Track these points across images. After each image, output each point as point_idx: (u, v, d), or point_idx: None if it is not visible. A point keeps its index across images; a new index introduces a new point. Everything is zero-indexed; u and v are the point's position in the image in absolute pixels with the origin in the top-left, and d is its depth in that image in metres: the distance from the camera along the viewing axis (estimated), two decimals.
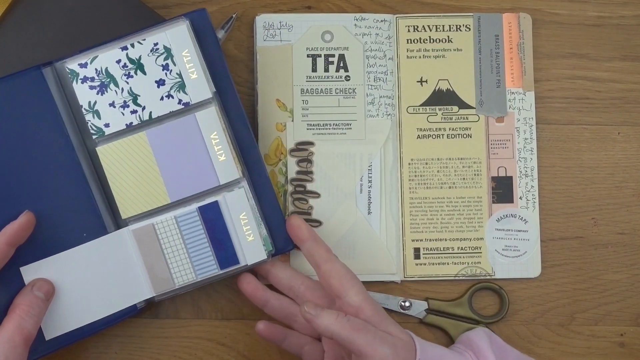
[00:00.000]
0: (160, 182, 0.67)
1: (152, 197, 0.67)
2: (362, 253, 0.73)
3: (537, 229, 0.74)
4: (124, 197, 0.67)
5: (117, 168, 0.66)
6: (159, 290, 0.67)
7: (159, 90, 0.67)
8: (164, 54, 0.66)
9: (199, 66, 0.66)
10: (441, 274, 0.73)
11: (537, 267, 0.73)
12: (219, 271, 0.67)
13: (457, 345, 0.67)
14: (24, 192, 0.66)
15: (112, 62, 0.66)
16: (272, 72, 0.73)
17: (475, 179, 0.74)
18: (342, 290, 0.64)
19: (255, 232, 0.67)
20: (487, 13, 0.75)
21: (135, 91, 0.67)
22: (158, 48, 0.66)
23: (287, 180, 0.73)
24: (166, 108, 0.67)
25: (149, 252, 0.67)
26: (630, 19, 0.76)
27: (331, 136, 0.74)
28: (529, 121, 0.74)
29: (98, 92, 0.66)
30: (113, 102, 0.66)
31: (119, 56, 0.66)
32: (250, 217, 0.67)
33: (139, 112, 0.67)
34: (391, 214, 0.73)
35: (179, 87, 0.67)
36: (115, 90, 0.66)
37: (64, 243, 0.66)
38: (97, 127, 0.66)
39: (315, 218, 0.73)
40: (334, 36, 0.74)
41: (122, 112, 0.67)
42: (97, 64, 0.66)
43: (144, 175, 0.67)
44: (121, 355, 0.72)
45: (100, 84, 0.66)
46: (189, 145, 0.67)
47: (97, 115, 0.66)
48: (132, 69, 0.66)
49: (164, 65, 0.66)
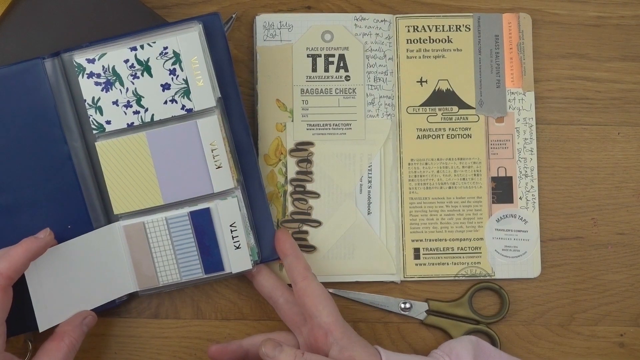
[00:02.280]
0: (155, 184, 0.67)
1: (145, 196, 0.67)
2: (361, 253, 0.73)
3: (537, 229, 0.74)
4: (118, 194, 0.67)
5: (114, 165, 0.67)
6: (144, 286, 0.68)
7: (164, 94, 0.67)
8: (172, 59, 0.66)
9: (206, 74, 0.67)
10: (441, 274, 0.73)
11: (537, 267, 0.73)
12: (204, 275, 0.68)
13: (435, 352, 0.68)
14: (11, 179, 0.67)
15: (120, 61, 0.66)
16: (272, 72, 0.73)
17: (475, 179, 0.74)
18: (315, 311, 0.65)
19: (243, 241, 0.68)
20: (487, 13, 0.75)
21: (140, 92, 0.67)
22: (167, 52, 0.66)
23: (287, 181, 0.73)
24: (169, 112, 0.67)
25: (137, 249, 0.68)
26: (630, 19, 0.76)
27: (331, 136, 0.73)
28: (529, 121, 0.74)
29: (103, 89, 0.67)
30: (117, 101, 0.67)
31: (127, 56, 0.66)
32: (239, 227, 0.68)
33: (141, 113, 0.67)
34: (391, 214, 0.73)
35: (183, 93, 0.67)
36: (120, 89, 0.67)
37: None
38: (99, 122, 0.67)
39: (315, 218, 0.73)
40: (334, 36, 0.74)
41: (125, 112, 0.67)
42: (105, 61, 0.66)
43: (140, 174, 0.67)
44: (121, 355, 0.72)
45: (106, 81, 0.67)
46: (187, 150, 0.67)
47: (100, 112, 0.67)
48: (139, 70, 0.67)
49: (171, 70, 0.67)
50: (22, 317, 0.66)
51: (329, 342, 0.64)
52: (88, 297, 0.68)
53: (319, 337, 0.65)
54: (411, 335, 0.73)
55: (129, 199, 0.67)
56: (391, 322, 0.73)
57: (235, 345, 0.68)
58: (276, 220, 0.73)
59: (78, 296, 0.67)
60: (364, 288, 0.73)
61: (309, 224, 0.73)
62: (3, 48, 0.70)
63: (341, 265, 0.73)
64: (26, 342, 0.70)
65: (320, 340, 0.65)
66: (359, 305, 0.73)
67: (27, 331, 0.68)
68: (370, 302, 0.73)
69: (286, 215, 0.73)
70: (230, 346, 0.68)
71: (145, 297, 0.72)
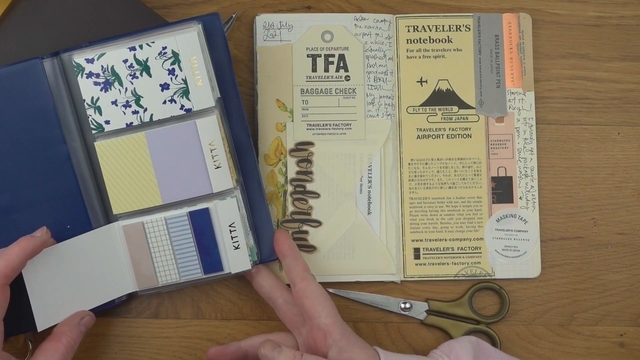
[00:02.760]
0: (154, 184, 0.67)
1: (144, 196, 0.67)
2: (361, 253, 0.73)
3: (537, 229, 0.73)
4: (117, 194, 0.67)
5: (113, 164, 0.67)
6: (143, 286, 0.68)
7: (163, 93, 0.67)
8: (171, 59, 0.66)
9: (205, 74, 0.66)
10: (441, 274, 0.73)
11: (537, 267, 0.73)
12: (203, 275, 0.68)
13: (435, 352, 0.68)
14: (10, 179, 0.67)
15: (118, 61, 0.66)
16: (272, 72, 0.73)
17: (475, 179, 0.74)
18: (314, 312, 0.65)
19: (242, 241, 0.68)
20: (487, 13, 0.75)
21: (139, 92, 0.67)
22: (166, 52, 0.66)
23: (287, 181, 0.73)
24: (168, 112, 0.67)
25: (136, 249, 0.68)
26: (630, 19, 0.76)
27: (331, 136, 0.73)
28: (529, 121, 0.74)
29: (102, 89, 0.66)
30: (116, 101, 0.67)
31: (126, 56, 0.66)
32: (239, 227, 0.68)
33: (140, 113, 0.67)
34: (391, 214, 0.73)
35: (182, 92, 0.67)
36: (119, 89, 0.66)
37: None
38: (98, 122, 0.67)
39: (315, 218, 0.73)
40: (334, 36, 0.74)
41: (124, 111, 0.67)
42: (104, 61, 0.66)
43: (139, 174, 0.67)
44: (121, 355, 0.72)
45: (104, 81, 0.66)
46: (186, 150, 0.67)
47: (99, 111, 0.67)
48: (138, 70, 0.66)
49: (170, 70, 0.66)
50: (21, 317, 0.66)
51: (328, 344, 0.64)
52: (87, 297, 0.68)
53: (318, 338, 0.65)
54: (411, 335, 0.73)
55: (128, 199, 0.67)
56: (391, 322, 0.73)
57: (234, 347, 0.68)
58: (276, 220, 0.73)
59: (77, 296, 0.67)
60: (364, 288, 0.73)
61: (309, 224, 0.73)
62: (3, 48, 0.70)
63: (341, 265, 0.72)
64: (26, 342, 0.70)
65: (319, 341, 0.65)
66: (359, 305, 0.73)
67: (26, 331, 0.68)
68: (370, 302, 0.73)
69: (286, 215, 0.73)
70: (229, 348, 0.68)
71: (145, 297, 0.72)
